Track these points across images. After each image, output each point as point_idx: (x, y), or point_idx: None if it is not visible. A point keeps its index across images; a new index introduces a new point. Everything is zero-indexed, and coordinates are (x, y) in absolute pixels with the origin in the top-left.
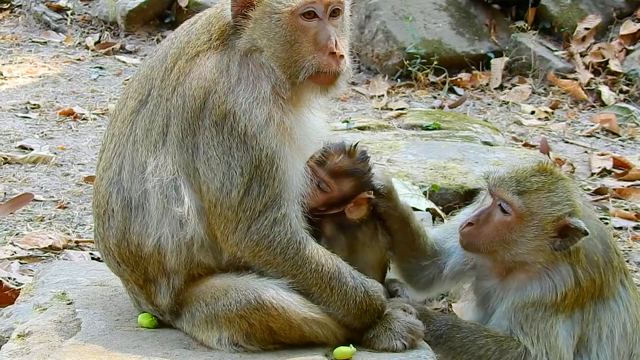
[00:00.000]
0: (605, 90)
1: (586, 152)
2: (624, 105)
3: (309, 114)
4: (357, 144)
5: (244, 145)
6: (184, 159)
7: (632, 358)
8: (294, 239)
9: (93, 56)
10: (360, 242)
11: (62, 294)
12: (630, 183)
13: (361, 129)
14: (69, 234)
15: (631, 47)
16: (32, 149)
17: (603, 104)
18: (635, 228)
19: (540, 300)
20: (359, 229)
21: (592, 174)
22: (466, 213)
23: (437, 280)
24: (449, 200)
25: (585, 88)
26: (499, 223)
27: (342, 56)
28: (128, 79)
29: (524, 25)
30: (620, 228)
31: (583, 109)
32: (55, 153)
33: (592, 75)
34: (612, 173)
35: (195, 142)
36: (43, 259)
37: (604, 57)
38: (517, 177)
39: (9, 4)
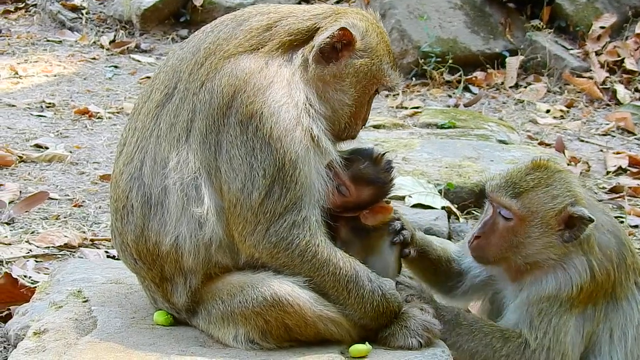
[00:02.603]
0: (620, 89)
1: (601, 150)
2: (639, 103)
3: None
4: (384, 153)
5: (268, 147)
6: (206, 157)
7: None
8: (312, 242)
9: (108, 55)
10: (374, 246)
11: (78, 291)
12: None
13: (376, 127)
14: (84, 232)
15: None
16: (47, 148)
17: (618, 103)
18: None
19: (556, 294)
20: (373, 234)
21: (608, 173)
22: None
23: (463, 296)
24: (464, 198)
25: (600, 87)
26: (503, 230)
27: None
28: (143, 78)
29: (539, 23)
30: (635, 226)
31: (598, 108)
32: (70, 151)
33: (607, 74)
34: (628, 171)
35: (218, 140)
36: (58, 257)
37: (619, 56)
38: (512, 179)
39: (24, 3)
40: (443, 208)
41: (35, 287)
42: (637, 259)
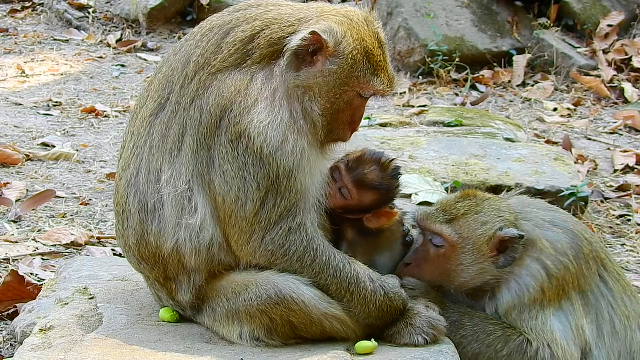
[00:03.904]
0: (628, 87)
1: (609, 149)
2: None
3: None
4: (394, 159)
5: (260, 162)
6: (199, 170)
7: (636, 356)
8: (310, 246)
9: (115, 54)
10: (379, 247)
11: (84, 289)
12: None
13: (383, 125)
14: (90, 230)
15: None
16: (54, 146)
17: (626, 101)
18: None
19: (518, 302)
20: (378, 236)
21: (615, 171)
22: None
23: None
24: None
25: (608, 85)
26: (435, 257)
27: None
28: (149, 77)
29: (547, 22)
30: None
31: (606, 106)
32: (77, 150)
33: (615, 72)
34: (635, 170)
35: (210, 156)
36: (65, 255)
37: (627, 54)
38: (443, 207)
39: (31, 2)
40: None
41: (42, 284)
42: (595, 247)
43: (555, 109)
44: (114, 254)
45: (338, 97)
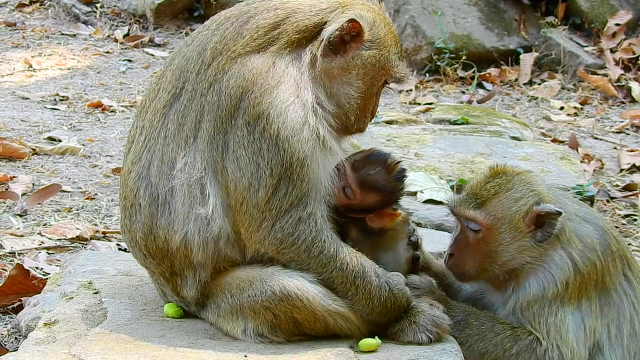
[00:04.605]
0: (635, 87)
1: (615, 148)
2: None
3: None
4: (400, 161)
5: (275, 147)
6: (213, 156)
7: None
8: (318, 237)
9: (122, 49)
10: (383, 247)
11: (89, 283)
12: None
13: (389, 122)
14: (96, 224)
15: None
16: (60, 141)
17: (633, 100)
18: None
19: (542, 295)
20: (381, 235)
21: (621, 170)
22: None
23: None
24: None
25: (615, 84)
26: (474, 243)
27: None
28: (156, 72)
29: (554, 20)
30: None
31: (613, 105)
32: (83, 144)
33: (622, 71)
34: None
35: (226, 141)
36: (70, 249)
37: (634, 53)
38: (473, 190)
39: None
40: None
41: (47, 278)
42: (622, 246)
43: (561, 108)
44: (119, 249)
45: (371, 82)
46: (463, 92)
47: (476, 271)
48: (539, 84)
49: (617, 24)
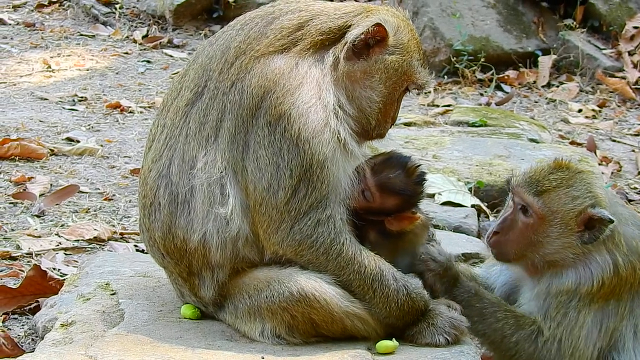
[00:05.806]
0: None
1: (633, 150)
2: None
3: None
4: (419, 165)
5: (295, 148)
6: (234, 156)
7: None
8: (337, 240)
9: (141, 50)
10: (402, 250)
11: (106, 284)
12: None
13: (407, 124)
14: (113, 225)
15: None
16: (78, 141)
17: None
18: None
19: (575, 288)
20: (400, 238)
21: (639, 173)
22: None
23: None
24: (495, 197)
25: (633, 87)
26: (523, 227)
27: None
28: (176, 72)
29: (572, 23)
30: None
31: (631, 108)
32: (101, 145)
33: None
34: None
35: (246, 140)
36: (88, 250)
37: None
38: (535, 177)
39: None
40: (473, 206)
41: (64, 279)
42: None
43: (579, 110)
44: (137, 250)
45: (393, 88)
46: (481, 95)
47: (516, 255)
48: (557, 87)
49: (635, 27)
